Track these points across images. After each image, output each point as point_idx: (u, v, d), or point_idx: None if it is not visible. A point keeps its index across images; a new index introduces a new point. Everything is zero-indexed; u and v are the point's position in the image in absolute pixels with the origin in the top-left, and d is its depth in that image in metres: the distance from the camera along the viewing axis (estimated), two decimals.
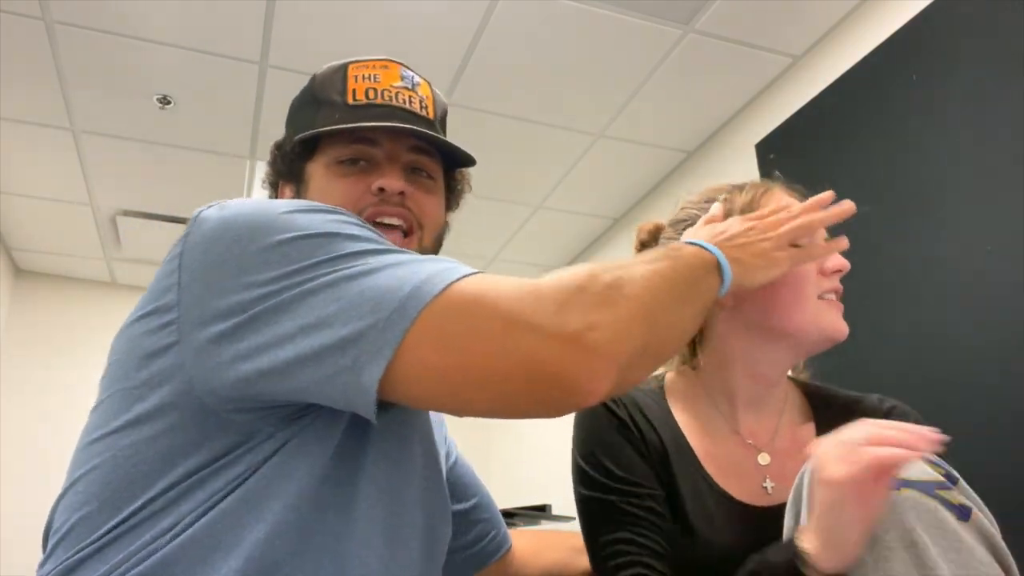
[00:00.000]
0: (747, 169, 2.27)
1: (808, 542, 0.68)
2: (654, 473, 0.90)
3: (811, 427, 0.94)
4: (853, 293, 0.98)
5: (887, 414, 0.93)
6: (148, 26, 2.04)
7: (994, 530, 0.67)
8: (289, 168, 0.89)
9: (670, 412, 0.96)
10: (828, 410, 0.95)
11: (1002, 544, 0.67)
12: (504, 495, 4.00)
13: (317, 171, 0.87)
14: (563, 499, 3.16)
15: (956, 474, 0.69)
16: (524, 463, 3.91)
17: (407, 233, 0.87)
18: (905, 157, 1.77)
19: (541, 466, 3.67)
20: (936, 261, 1.65)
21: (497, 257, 3.49)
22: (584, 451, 0.93)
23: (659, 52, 2.19)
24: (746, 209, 0.94)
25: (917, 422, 0.91)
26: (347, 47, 2.13)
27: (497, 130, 2.53)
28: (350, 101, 0.87)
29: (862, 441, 0.66)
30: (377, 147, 0.86)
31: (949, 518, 0.65)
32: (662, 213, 1.00)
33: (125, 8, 1.98)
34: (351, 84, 0.89)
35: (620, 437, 0.91)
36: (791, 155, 2.12)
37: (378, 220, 0.85)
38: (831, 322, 0.91)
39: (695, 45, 2.16)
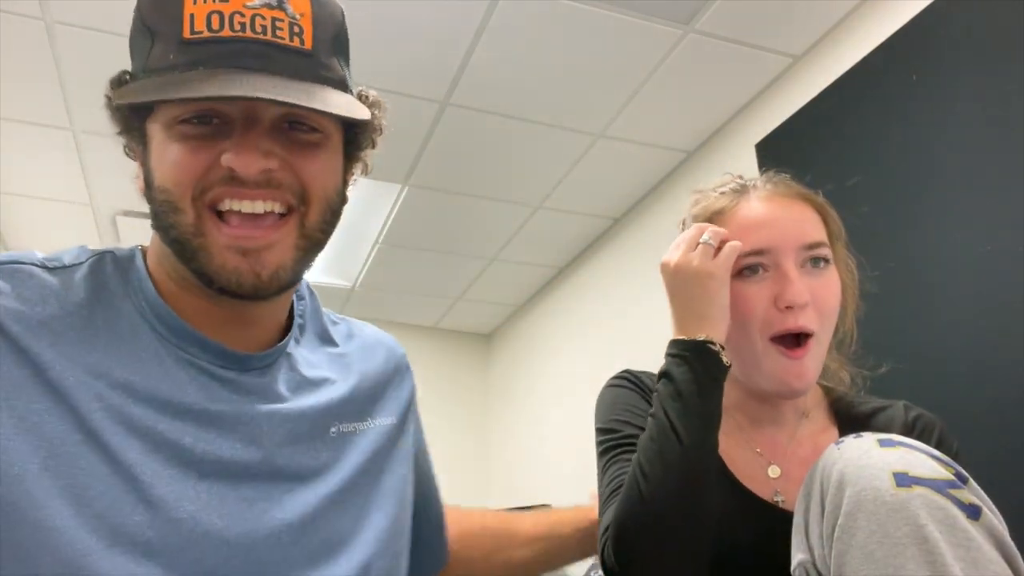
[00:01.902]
0: (747, 169, 2.26)
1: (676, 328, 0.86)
2: None
3: (834, 436, 0.93)
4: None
5: (912, 423, 0.92)
6: None
7: (1003, 529, 0.67)
8: (126, 125, 0.68)
9: None
10: (851, 419, 0.94)
11: (1011, 543, 0.67)
12: (504, 495, 4.00)
13: (156, 133, 0.65)
14: (563, 499, 3.16)
15: (966, 474, 0.69)
16: (524, 463, 3.91)
17: (285, 213, 0.67)
18: (905, 157, 1.77)
19: (541, 466, 3.67)
20: (936, 261, 1.65)
21: (497, 257, 3.49)
22: (607, 415, 0.96)
23: (659, 52, 2.19)
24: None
25: (942, 432, 0.91)
26: None
27: (497, 130, 2.53)
28: (186, 35, 0.62)
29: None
30: (230, 101, 0.63)
31: (960, 516, 0.65)
32: (662, 213, 1.00)
33: (125, 8, 1.96)
34: (188, 5, 0.63)
35: (643, 400, 0.94)
36: (791, 155, 2.12)
37: (228, 208, 0.64)
38: (781, 376, 0.86)
39: (695, 45, 2.16)
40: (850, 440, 0.72)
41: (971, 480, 0.69)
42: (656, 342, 0.93)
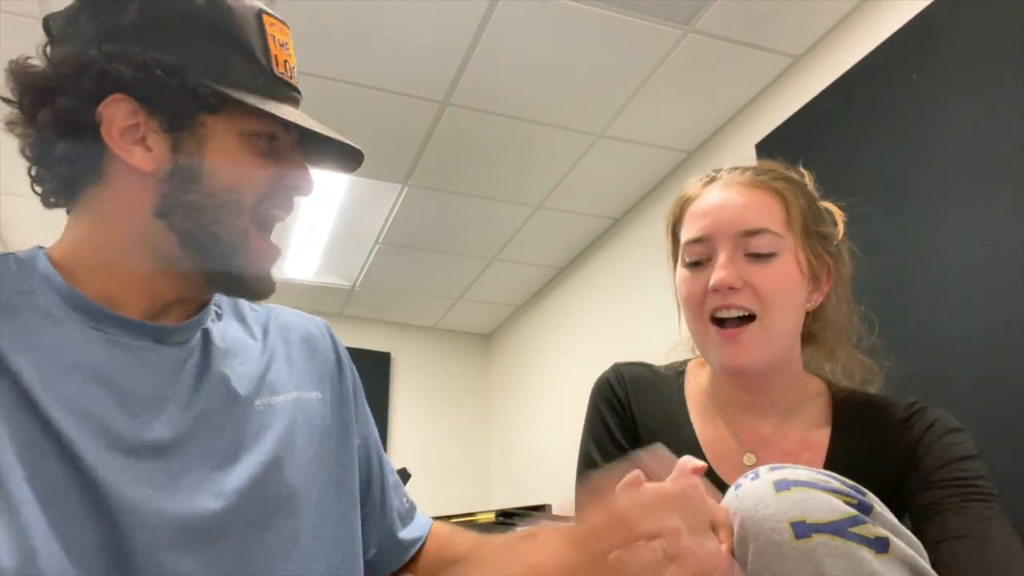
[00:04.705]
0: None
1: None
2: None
3: (824, 434, 0.92)
4: (852, 293, 0.98)
5: (907, 417, 0.89)
6: None
7: (913, 552, 0.66)
8: (173, 105, 0.68)
9: (683, 396, 0.98)
10: (848, 416, 0.93)
11: (924, 563, 0.66)
12: (504, 495, 4.00)
13: (225, 134, 0.70)
14: (563, 499, 3.17)
15: (868, 499, 0.67)
16: (524, 463, 3.91)
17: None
18: (905, 157, 1.77)
19: (541, 466, 3.67)
20: (936, 261, 1.65)
21: (497, 257, 3.49)
22: (584, 428, 1.00)
23: (659, 52, 2.19)
24: (672, 223, 0.95)
25: (936, 422, 0.88)
26: (346, 47, 2.14)
27: (497, 130, 2.53)
28: (275, 69, 0.72)
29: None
30: (288, 130, 0.74)
31: (866, 557, 0.62)
32: (662, 213, 1.00)
33: None
34: (272, 46, 0.72)
35: (611, 420, 0.97)
36: (791, 155, 2.12)
37: (275, 218, 0.75)
38: (717, 355, 0.88)
39: (695, 45, 2.16)
40: (746, 484, 0.69)
41: (876, 506, 0.66)
42: (656, 341, 0.94)
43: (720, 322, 0.87)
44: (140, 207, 0.70)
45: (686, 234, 0.91)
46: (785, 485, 0.67)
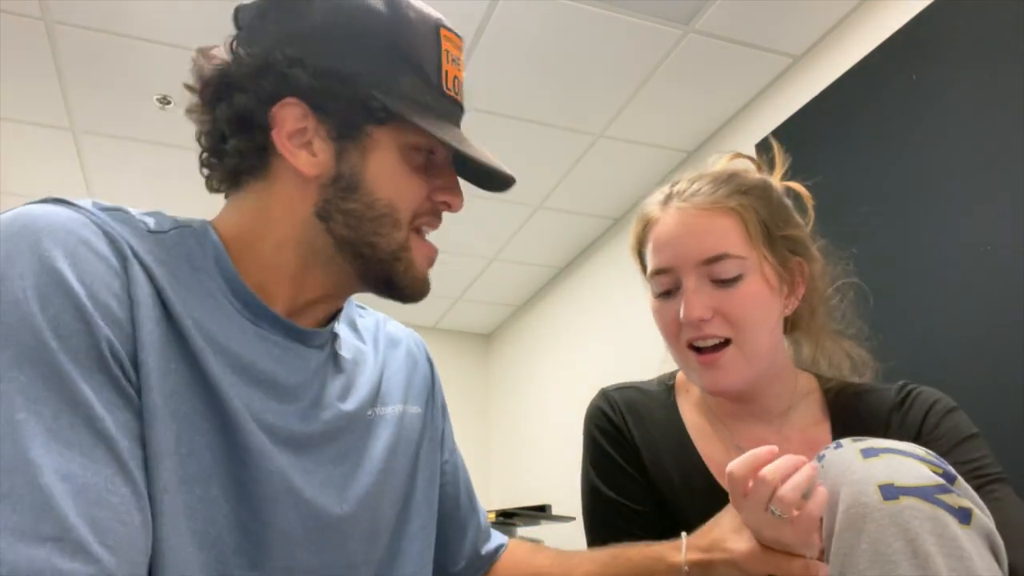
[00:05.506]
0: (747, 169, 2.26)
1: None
2: (643, 485, 0.94)
3: (826, 429, 0.92)
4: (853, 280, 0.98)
5: (901, 402, 0.90)
6: (148, 26, 2.04)
7: (991, 523, 0.66)
8: (342, 114, 0.70)
9: (678, 413, 0.98)
10: (844, 408, 0.92)
11: (998, 537, 0.66)
12: (504, 495, 4.00)
13: (388, 147, 0.71)
14: (563, 499, 3.17)
15: (952, 470, 0.68)
16: (524, 463, 3.91)
17: None
18: (905, 157, 1.77)
19: (541, 466, 3.68)
20: (935, 261, 1.65)
21: (497, 257, 3.49)
22: (585, 460, 1.00)
23: (659, 52, 2.19)
24: (635, 246, 0.96)
25: (934, 405, 0.89)
26: None
27: (497, 130, 2.53)
28: (445, 87, 0.73)
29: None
30: (444, 147, 0.75)
31: (951, 523, 0.63)
32: None
33: (125, 8, 1.97)
34: (445, 62, 0.73)
35: (612, 449, 0.96)
36: (791, 155, 2.12)
37: (425, 231, 0.77)
38: (699, 379, 0.89)
39: (695, 45, 2.16)
40: (831, 453, 0.71)
41: (959, 478, 0.67)
42: (656, 341, 0.94)
43: (698, 348, 0.88)
44: (302, 208, 0.71)
45: (651, 263, 0.91)
46: (873, 452, 0.68)
